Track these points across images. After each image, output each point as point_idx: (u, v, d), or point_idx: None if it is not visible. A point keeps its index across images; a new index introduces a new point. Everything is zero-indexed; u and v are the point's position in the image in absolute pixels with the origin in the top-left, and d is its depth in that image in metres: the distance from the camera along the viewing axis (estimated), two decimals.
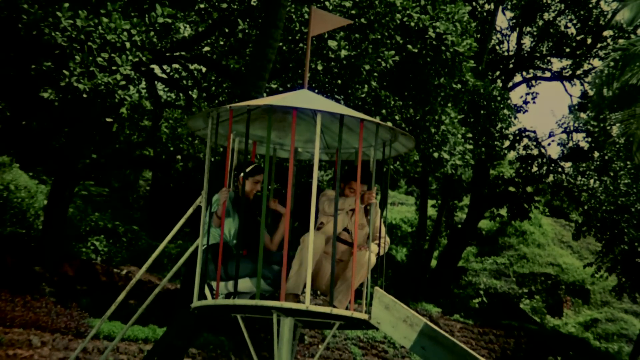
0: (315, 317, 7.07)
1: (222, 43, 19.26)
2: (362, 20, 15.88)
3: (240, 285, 6.93)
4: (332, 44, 15.82)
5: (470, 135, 20.29)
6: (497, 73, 29.92)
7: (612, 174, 26.56)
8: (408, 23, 16.65)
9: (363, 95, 16.69)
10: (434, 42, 16.97)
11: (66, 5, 12.55)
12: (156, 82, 20.99)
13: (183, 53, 18.90)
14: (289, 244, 7.06)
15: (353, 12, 15.73)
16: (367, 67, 16.03)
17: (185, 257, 7.62)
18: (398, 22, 16.39)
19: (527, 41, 30.63)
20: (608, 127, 25.73)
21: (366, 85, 16.56)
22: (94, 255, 21.12)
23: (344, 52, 15.82)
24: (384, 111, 17.06)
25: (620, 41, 24.08)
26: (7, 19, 13.46)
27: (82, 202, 25.37)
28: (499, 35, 30.34)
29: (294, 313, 6.88)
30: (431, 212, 33.21)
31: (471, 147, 20.13)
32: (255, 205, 7.35)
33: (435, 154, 18.18)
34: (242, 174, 7.27)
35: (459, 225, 31.60)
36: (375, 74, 16.40)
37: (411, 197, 39.33)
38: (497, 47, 30.19)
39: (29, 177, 22.60)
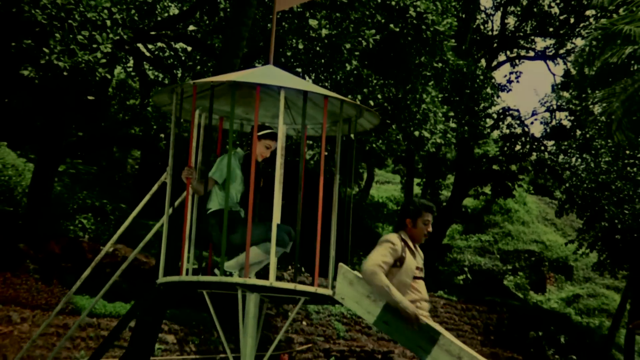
0: (280, 293, 7.09)
1: (206, 22, 19.29)
2: None
3: (252, 255, 6.89)
4: (313, 22, 15.86)
5: (452, 114, 20.39)
6: (482, 52, 30.06)
7: (593, 152, 26.79)
8: (389, 2, 16.70)
9: (344, 75, 16.77)
10: (414, 21, 17.03)
11: None
12: (143, 61, 21.02)
13: (168, 32, 18.92)
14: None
15: None
16: (348, 46, 16.07)
17: (153, 231, 7.72)
18: (379, 1, 16.45)
19: (511, 21, 30.78)
20: (590, 106, 25.90)
21: (347, 65, 16.62)
22: (81, 233, 21.19)
23: (324, 31, 15.83)
24: (365, 90, 17.14)
25: (602, 20, 24.20)
26: None
27: (70, 180, 25.40)
28: (483, 15, 30.45)
29: (258, 289, 6.91)
30: (417, 190, 33.42)
31: (454, 125, 20.25)
32: (260, 171, 7.24)
33: (416, 132, 18.29)
34: (257, 134, 7.13)
35: (444, 204, 31.83)
36: (357, 53, 16.46)
37: (397, 175, 39.48)
38: (482, 27, 30.30)
39: (16, 155, 22.60)
